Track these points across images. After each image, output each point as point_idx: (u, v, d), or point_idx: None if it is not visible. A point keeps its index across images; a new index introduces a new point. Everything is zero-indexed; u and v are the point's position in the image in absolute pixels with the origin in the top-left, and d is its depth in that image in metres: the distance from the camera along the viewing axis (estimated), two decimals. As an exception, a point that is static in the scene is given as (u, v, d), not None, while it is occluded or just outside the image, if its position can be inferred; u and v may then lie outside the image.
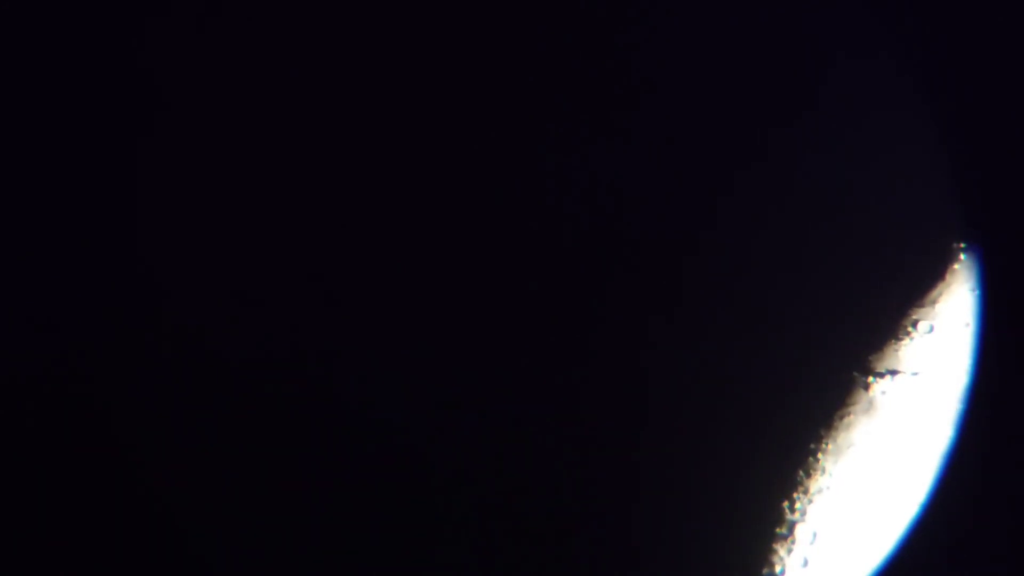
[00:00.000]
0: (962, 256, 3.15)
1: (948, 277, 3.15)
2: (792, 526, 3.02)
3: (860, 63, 3.22)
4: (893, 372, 3.09)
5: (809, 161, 3.17)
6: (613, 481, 3.03)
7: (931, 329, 3.11)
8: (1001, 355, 3.11)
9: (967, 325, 3.11)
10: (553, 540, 3.00)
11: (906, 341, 3.11)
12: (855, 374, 3.09)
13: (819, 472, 3.04)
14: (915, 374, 3.09)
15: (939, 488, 3.05)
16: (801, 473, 3.04)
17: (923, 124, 3.18)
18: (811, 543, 3.02)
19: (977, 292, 3.12)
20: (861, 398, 3.08)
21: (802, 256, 3.13)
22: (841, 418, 3.07)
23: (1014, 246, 3.17)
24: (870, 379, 3.08)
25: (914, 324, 3.12)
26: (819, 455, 3.05)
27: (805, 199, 3.15)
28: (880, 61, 3.21)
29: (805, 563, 3.01)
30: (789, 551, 3.01)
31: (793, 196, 3.15)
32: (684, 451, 3.05)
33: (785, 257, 3.12)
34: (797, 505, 3.03)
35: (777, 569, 3.00)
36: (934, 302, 3.13)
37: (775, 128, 3.18)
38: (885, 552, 3.03)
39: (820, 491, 3.04)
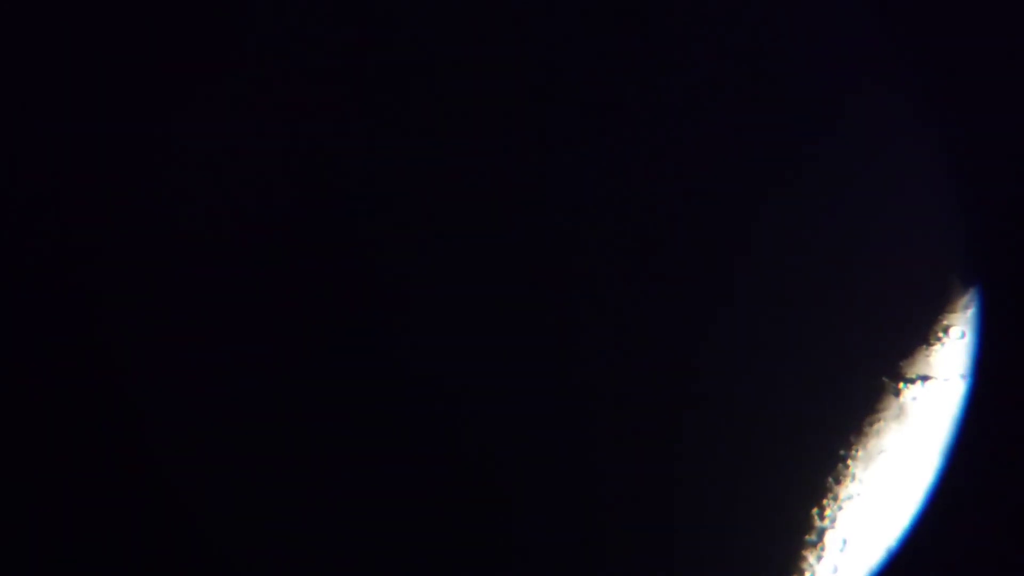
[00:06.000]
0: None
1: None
2: (822, 533, 3.02)
3: (883, 92, 3.19)
4: (924, 378, 3.08)
5: (844, 178, 3.13)
6: (646, 486, 3.02)
7: (962, 335, 3.10)
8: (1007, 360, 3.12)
9: (976, 332, 3.11)
10: (589, 543, 3.00)
11: (936, 347, 3.10)
12: (885, 380, 3.07)
13: (849, 479, 3.04)
14: (946, 380, 3.08)
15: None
16: (831, 480, 3.04)
17: (945, 151, 3.15)
18: (841, 550, 3.03)
19: (980, 302, 3.11)
20: (891, 404, 3.07)
21: (832, 265, 3.10)
22: (871, 424, 3.06)
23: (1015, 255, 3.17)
24: (900, 385, 3.07)
25: (945, 330, 3.10)
26: (849, 462, 3.04)
27: (834, 212, 3.12)
28: (897, 88, 3.18)
29: (835, 570, 3.02)
30: (819, 558, 3.02)
31: (823, 210, 3.12)
32: (716, 458, 3.03)
33: (816, 267, 3.09)
34: (827, 512, 3.03)
35: (807, 575, 3.01)
36: (965, 309, 3.11)
37: (814, 148, 3.14)
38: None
39: (850, 498, 3.04)
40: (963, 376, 3.07)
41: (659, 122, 3.10)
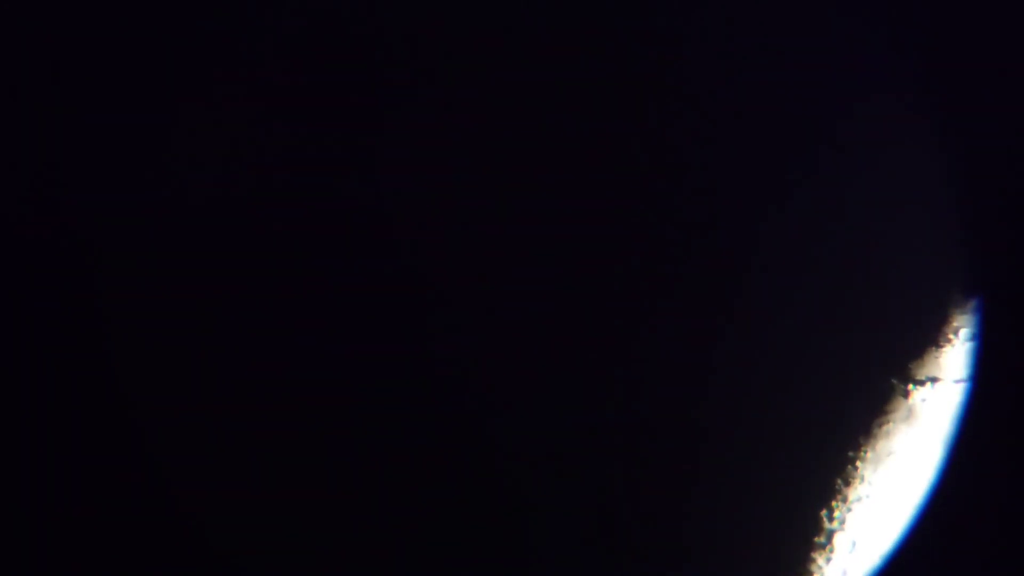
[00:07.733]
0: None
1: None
2: (831, 535, 3.03)
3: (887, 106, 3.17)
4: (933, 380, 3.08)
5: (850, 181, 3.12)
6: (654, 487, 3.01)
7: (971, 337, 3.10)
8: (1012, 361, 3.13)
9: (981, 333, 3.11)
10: (597, 543, 2.99)
11: (946, 349, 3.09)
12: (894, 381, 3.07)
13: (858, 480, 3.04)
14: (956, 382, 3.09)
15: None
16: (840, 481, 3.04)
17: (950, 154, 3.15)
18: (850, 552, 3.03)
19: (986, 303, 3.12)
20: (900, 405, 3.07)
21: (839, 266, 3.08)
22: (880, 426, 3.06)
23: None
24: (909, 387, 3.07)
25: (954, 332, 3.10)
26: (858, 463, 3.04)
27: (841, 215, 3.10)
28: (901, 92, 3.16)
29: (844, 572, 3.03)
30: (828, 560, 3.02)
31: (830, 213, 3.10)
32: (724, 460, 3.02)
33: (823, 269, 3.08)
34: (836, 514, 3.03)
35: (816, 577, 3.02)
36: (973, 310, 3.11)
37: (820, 151, 3.12)
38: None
39: (859, 499, 3.04)
40: (970, 377, 3.08)
41: (659, 128, 3.07)
